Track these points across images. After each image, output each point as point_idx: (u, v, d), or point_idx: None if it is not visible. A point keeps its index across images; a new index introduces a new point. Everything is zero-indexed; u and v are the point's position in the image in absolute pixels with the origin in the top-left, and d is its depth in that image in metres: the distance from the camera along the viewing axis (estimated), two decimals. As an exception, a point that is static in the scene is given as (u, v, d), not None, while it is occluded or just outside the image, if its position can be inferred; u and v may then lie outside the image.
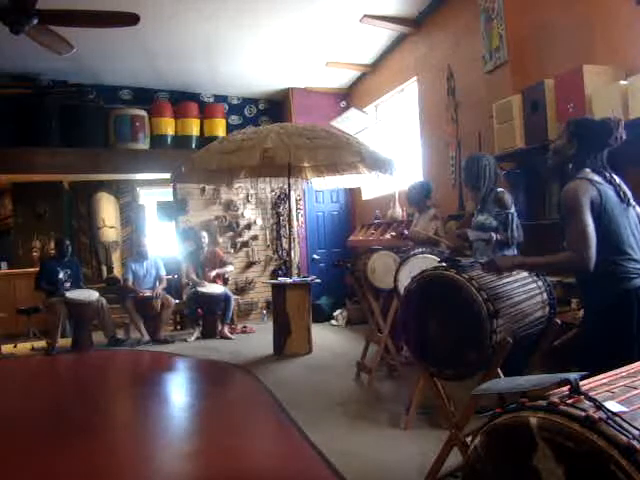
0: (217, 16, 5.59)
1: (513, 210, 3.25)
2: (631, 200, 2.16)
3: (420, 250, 3.70)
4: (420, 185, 4.56)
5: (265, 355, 5.48)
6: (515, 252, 3.26)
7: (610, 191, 2.09)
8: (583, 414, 0.92)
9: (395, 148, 6.70)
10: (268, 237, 8.09)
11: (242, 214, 8.00)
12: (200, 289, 6.51)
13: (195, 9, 5.41)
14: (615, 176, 2.17)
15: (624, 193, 2.13)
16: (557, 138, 2.29)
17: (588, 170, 2.13)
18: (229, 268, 7.02)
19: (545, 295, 2.37)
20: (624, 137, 2.16)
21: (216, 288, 6.61)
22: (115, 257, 8.92)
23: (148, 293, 6.52)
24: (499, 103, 4.03)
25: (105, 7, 3.99)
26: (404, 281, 3.25)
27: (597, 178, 2.10)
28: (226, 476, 2.80)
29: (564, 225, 2.09)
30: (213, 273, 6.75)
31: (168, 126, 7.83)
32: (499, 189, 3.29)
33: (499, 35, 4.41)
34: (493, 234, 3.20)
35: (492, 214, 3.25)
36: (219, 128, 8.03)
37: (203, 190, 7.80)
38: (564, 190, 2.10)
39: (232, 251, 7.88)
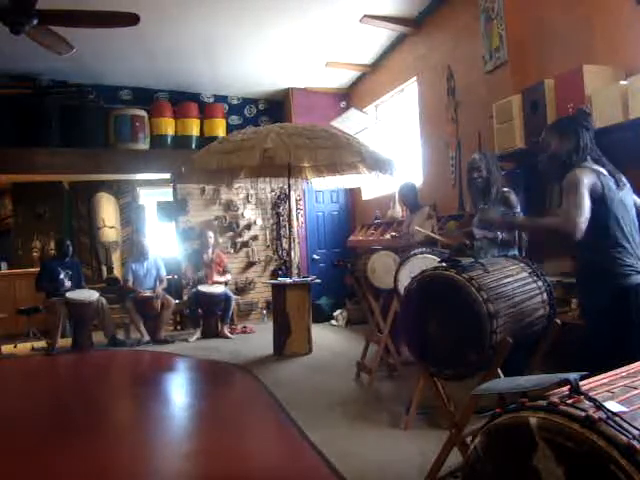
0: (217, 16, 5.60)
1: (519, 210, 3.24)
2: (625, 183, 2.22)
3: (420, 250, 3.70)
4: (412, 185, 4.64)
5: (265, 355, 5.48)
6: (519, 252, 3.25)
7: (611, 183, 2.13)
8: (583, 414, 0.92)
9: (395, 148, 6.70)
10: (268, 237, 8.09)
11: (242, 214, 8.00)
12: (200, 289, 6.52)
13: (195, 9, 5.41)
14: (609, 162, 2.24)
15: (621, 180, 2.20)
16: (546, 146, 2.34)
17: (590, 160, 2.18)
18: (229, 277, 7.05)
19: (545, 295, 2.36)
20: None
21: (216, 288, 6.61)
22: (115, 257, 8.92)
23: (148, 293, 6.52)
24: (499, 103, 4.03)
25: (105, 7, 3.99)
26: (404, 281, 3.25)
27: (600, 169, 2.15)
28: (226, 476, 2.80)
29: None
30: (221, 279, 6.78)
31: (168, 126, 7.83)
32: (505, 189, 3.29)
33: (499, 35, 4.41)
34: (499, 233, 3.20)
35: (498, 213, 3.24)
36: (219, 128, 8.03)
37: (203, 190, 7.80)
38: (567, 176, 2.14)
39: (232, 251, 7.88)
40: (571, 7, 3.75)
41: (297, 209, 7.80)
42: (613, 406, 0.96)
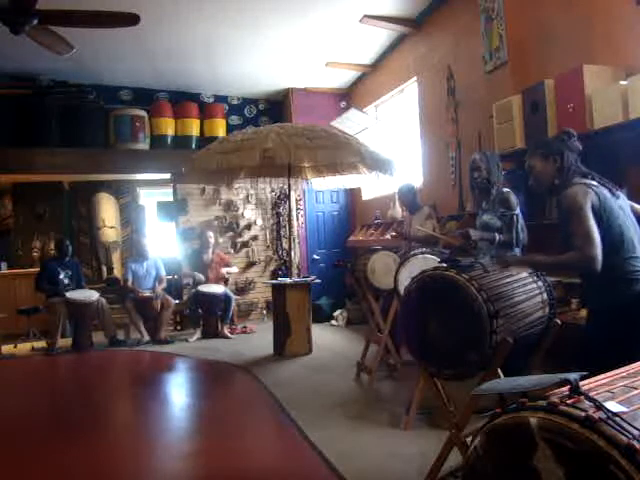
0: (217, 16, 5.60)
1: (518, 211, 3.23)
2: (619, 192, 2.21)
3: (420, 250, 3.70)
4: (411, 186, 4.66)
5: (265, 355, 5.48)
6: (519, 253, 3.24)
7: (605, 192, 2.12)
8: (583, 414, 0.92)
9: (395, 148, 6.70)
10: (268, 237, 8.09)
11: (242, 214, 8.00)
12: (200, 289, 6.52)
13: (195, 9, 5.41)
14: (598, 175, 2.22)
15: (613, 188, 2.18)
16: (531, 169, 2.33)
17: (578, 177, 2.17)
18: (234, 269, 7.07)
19: (545, 295, 2.37)
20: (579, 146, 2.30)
21: (216, 288, 6.61)
22: (115, 257, 8.91)
23: (148, 293, 6.52)
24: (499, 103, 4.03)
25: (105, 7, 3.99)
26: (404, 281, 3.25)
27: (590, 181, 2.13)
28: (226, 476, 2.80)
29: (566, 229, 2.10)
30: (223, 270, 6.79)
31: (168, 126, 7.83)
32: (505, 189, 3.27)
33: (499, 35, 4.41)
34: (497, 234, 3.18)
35: (497, 214, 3.23)
36: (219, 128, 8.03)
37: (203, 190, 7.81)
38: (563, 196, 2.12)
39: (232, 251, 7.88)
40: (571, 7, 3.75)
41: (297, 209, 7.80)
42: (613, 406, 0.96)
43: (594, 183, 2.14)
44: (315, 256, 7.93)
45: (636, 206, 2.31)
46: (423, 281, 2.25)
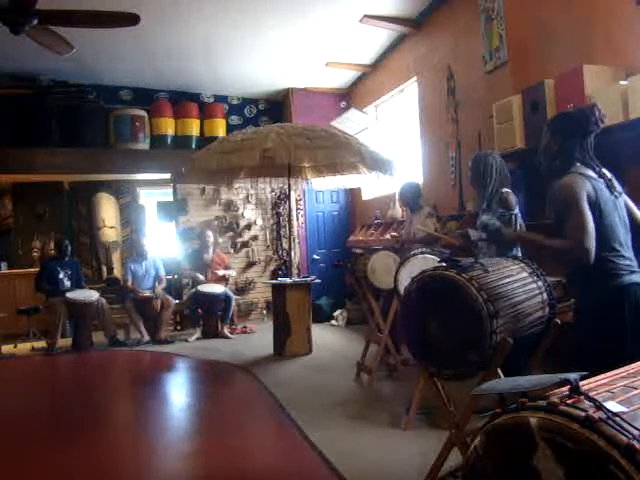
0: (217, 16, 5.60)
1: (517, 211, 3.23)
2: (619, 191, 2.18)
3: (420, 250, 3.70)
4: (413, 185, 4.63)
5: (265, 355, 5.48)
6: (519, 253, 3.24)
7: (602, 185, 2.10)
8: (583, 414, 0.92)
9: (395, 148, 6.70)
10: (268, 237, 8.10)
11: (242, 214, 8.00)
12: (200, 289, 6.52)
13: (195, 9, 5.42)
14: (604, 169, 2.17)
15: (613, 186, 2.15)
16: (541, 142, 2.29)
17: (579, 164, 2.14)
18: (232, 272, 7.07)
19: (545, 295, 2.36)
20: (604, 120, 2.14)
21: (216, 288, 6.61)
22: (115, 257, 8.91)
23: (148, 293, 6.52)
24: (499, 103, 4.03)
25: (105, 7, 3.99)
26: (404, 281, 3.25)
27: (589, 172, 2.11)
28: (226, 476, 2.80)
29: (561, 219, 2.09)
30: (220, 272, 6.78)
31: (168, 126, 7.83)
32: (504, 189, 3.27)
33: (499, 35, 4.41)
34: None
35: (496, 214, 3.23)
36: (219, 128, 8.03)
37: (203, 190, 7.81)
38: (559, 184, 2.10)
39: (232, 251, 7.88)
40: (571, 7, 3.75)
41: (297, 209, 7.80)
42: (613, 406, 0.96)
43: (592, 175, 2.11)
44: (315, 256, 7.93)
45: (635, 210, 2.28)
46: (423, 281, 2.24)
